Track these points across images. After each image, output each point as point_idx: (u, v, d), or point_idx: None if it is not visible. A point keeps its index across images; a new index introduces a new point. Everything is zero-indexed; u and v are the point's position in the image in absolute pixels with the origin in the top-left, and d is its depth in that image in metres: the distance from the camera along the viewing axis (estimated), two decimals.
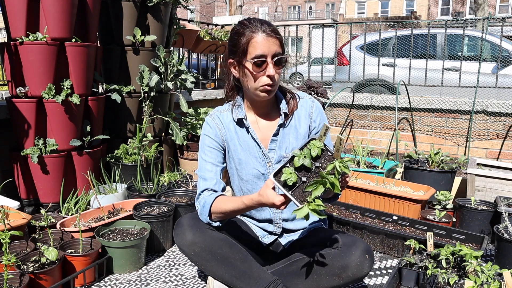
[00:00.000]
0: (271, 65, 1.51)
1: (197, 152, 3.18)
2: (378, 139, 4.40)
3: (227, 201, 1.55)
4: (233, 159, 1.69)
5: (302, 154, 1.36)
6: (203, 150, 1.69)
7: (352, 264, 1.47)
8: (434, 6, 30.15)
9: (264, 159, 1.66)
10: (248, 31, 1.52)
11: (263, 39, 1.50)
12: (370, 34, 5.49)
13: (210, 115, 1.72)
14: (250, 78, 1.55)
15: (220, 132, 1.67)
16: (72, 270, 1.85)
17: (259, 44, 1.50)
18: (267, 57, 1.51)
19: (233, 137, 1.67)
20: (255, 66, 1.51)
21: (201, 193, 1.63)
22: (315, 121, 1.69)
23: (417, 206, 2.53)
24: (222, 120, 1.69)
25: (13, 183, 2.51)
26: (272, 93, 1.58)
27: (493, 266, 1.67)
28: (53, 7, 2.29)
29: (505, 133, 3.82)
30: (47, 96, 2.33)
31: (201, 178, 1.66)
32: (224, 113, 1.70)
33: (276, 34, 1.53)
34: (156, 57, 2.91)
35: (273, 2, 36.33)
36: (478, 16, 11.77)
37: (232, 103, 1.70)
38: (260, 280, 1.53)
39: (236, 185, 1.75)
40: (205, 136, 1.69)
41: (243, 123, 1.66)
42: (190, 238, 1.55)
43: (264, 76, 1.53)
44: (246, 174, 1.68)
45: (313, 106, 1.71)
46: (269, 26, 1.53)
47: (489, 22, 4.27)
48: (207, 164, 1.66)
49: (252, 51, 1.51)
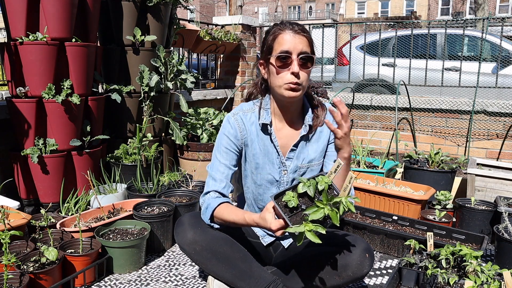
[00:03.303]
0: (296, 62, 1.46)
1: (197, 152, 3.21)
2: (378, 139, 4.40)
3: (230, 212, 1.52)
4: (250, 163, 1.65)
5: (307, 183, 1.34)
6: (219, 150, 1.64)
7: (352, 263, 1.47)
8: (434, 6, 30.14)
9: (280, 167, 1.63)
10: (277, 29, 1.50)
11: (289, 35, 1.46)
12: (370, 34, 5.49)
13: (233, 114, 1.64)
14: (274, 75, 1.50)
15: (241, 134, 1.61)
16: (72, 270, 1.85)
17: (285, 40, 1.46)
18: (292, 53, 1.45)
19: (254, 140, 1.62)
20: (278, 62, 1.47)
21: (208, 192, 1.61)
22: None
23: (417, 206, 2.53)
24: (245, 121, 1.62)
25: (13, 183, 2.51)
26: (297, 93, 1.50)
27: (493, 266, 1.67)
28: (53, 7, 2.29)
29: (505, 133, 3.82)
30: (47, 96, 2.33)
31: (211, 177, 1.63)
32: (247, 114, 1.64)
33: (303, 32, 1.48)
34: (156, 57, 2.91)
35: (273, 2, 36.32)
36: (478, 16, 11.77)
37: (258, 104, 1.64)
38: (260, 280, 1.53)
39: (247, 186, 1.71)
40: (224, 136, 1.63)
41: (267, 128, 1.61)
42: (191, 237, 1.55)
43: (289, 73, 1.47)
44: (261, 179, 1.65)
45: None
46: (298, 26, 1.50)
47: (489, 22, 4.27)
48: (221, 166, 1.62)
49: (278, 48, 1.48)
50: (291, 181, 1.64)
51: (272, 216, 1.32)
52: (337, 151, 1.46)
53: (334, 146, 1.47)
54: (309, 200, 1.34)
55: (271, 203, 1.34)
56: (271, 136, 1.61)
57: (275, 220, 1.30)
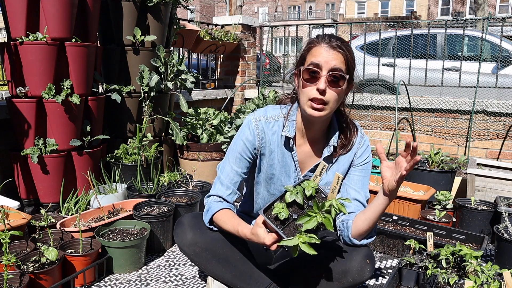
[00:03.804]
0: (324, 78, 1.35)
1: (197, 152, 3.21)
2: (378, 139, 4.40)
3: (227, 220, 1.49)
4: (265, 172, 1.59)
5: (294, 190, 1.30)
6: (232, 154, 1.56)
7: (352, 269, 1.45)
8: (434, 6, 30.14)
9: (296, 181, 1.55)
10: (313, 40, 1.42)
11: (323, 49, 1.37)
12: (370, 34, 5.49)
13: (256, 119, 1.54)
14: (301, 88, 1.42)
15: (259, 142, 1.54)
16: (72, 270, 1.85)
17: (317, 53, 1.38)
18: (322, 68, 1.36)
19: (273, 150, 1.55)
20: (307, 75, 1.38)
21: (213, 195, 1.58)
22: (360, 157, 1.57)
23: (417, 206, 2.53)
24: (266, 129, 1.54)
25: (13, 183, 2.51)
26: (321, 113, 1.39)
27: (493, 266, 1.67)
28: (53, 7, 2.29)
29: (505, 133, 3.82)
30: (47, 96, 2.33)
31: (219, 179, 1.58)
32: (271, 122, 1.54)
33: (340, 49, 1.37)
34: (156, 57, 2.91)
35: (273, 2, 36.32)
36: (478, 16, 11.77)
37: (285, 113, 1.55)
38: (260, 281, 1.53)
39: (258, 192, 1.67)
40: (240, 141, 1.55)
41: (289, 142, 1.53)
42: (191, 238, 1.55)
43: (314, 89, 1.37)
44: (274, 189, 1.61)
45: (361, 143, 1.58)
46: (338, 40, 1.39)
47: (489, 22, 4.26)
48: (231, 172, 1.56)
49: (309, 59, 1.40)
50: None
51: (264, 231, 1.28)
52: (385, 194, 1.37)
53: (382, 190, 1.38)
54: (298, 208, 1.30)
55: (260, 218, 1.30)
56: (292, 150, 1.54)
57: (268, 235, 1.27)
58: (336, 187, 1.29)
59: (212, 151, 3.20)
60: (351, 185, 1.57)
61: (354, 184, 1.56)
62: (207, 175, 3.19)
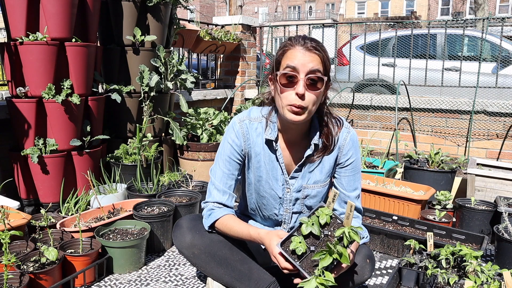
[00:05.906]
0: (302, 82, 1.32)
1: (197, 152, 3.21)
2: (378, 139, 4.40)
3: (233, 225, 1.48)
4: (253, 173, 1.59)
5: (310, 221, 1.32)
6: (222, 158, 1.56)
7: (352, 269, 1.45)
8: (434, 6, 30.14)
9: (284, 184, 1.57)
10: (288, 43, 1.38)
11: (298, 51, 1.33)
12: (370, 34, 5.49)
13: (240, 120, 1.54)
14: (279, 93, 1.38)
15: (245, 143, 1.54)
16: (72, 270, 1.85)
17: (292, 56, 1.33)
18: (299, 72, 1.32)
19: (259, 153, 1.54)
20: (284, 79, 1.35)
21: (211, 202, 1.57)
22: (346, 154, 1.54)
23: (417, 206, 2.53)
24: (251, 130, 1.53)
25: (13, 183, 2.50)
26: (300, 117, 1.37)
27: (493, 266, 1.67)
28: (53, 7, 2.29)
29: (505, 133, 3.82)
30: (47, 96, 2.33)
31: (214, 185, 1.57)
32: (254, 123, 1.53)
33: (316, 50, 1.33)
34: (156, 57, 2.91)
35: (273, 2, 36.32)
36: (478, 16, 11.77)
37: (266, 115, 1.53)
38: (260, 281, 1.53)
39: (251, 193, 1.66)
40: (227, 144, 1.54)
41: (272, 144, 1.52)
42: (189, 241, 1.55)
43: (293, 93, 1.34)
44: (263, 191, 1.60)
45: (347, 139, 1.54)
46: (312, 41, 1.35)
47: (489, 22, 4.26)
48: (224, 176, 1.55)
49: (284, 63, 1.35)
50: (294, 199, 1.60)
51: (283, 260, 1.32)
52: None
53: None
54: (314, 239, 1.34)
55: (277, 249, 1.32)
56: (277, 153, 1.54)
57: (285, 262, 1.31)
58: (351, 214, 1.30)
59: (212, 151, 3.20)
60: (342, 188, 1.58)
61: (346, 185, 1.58)
62: (207, 175, 3.18)
